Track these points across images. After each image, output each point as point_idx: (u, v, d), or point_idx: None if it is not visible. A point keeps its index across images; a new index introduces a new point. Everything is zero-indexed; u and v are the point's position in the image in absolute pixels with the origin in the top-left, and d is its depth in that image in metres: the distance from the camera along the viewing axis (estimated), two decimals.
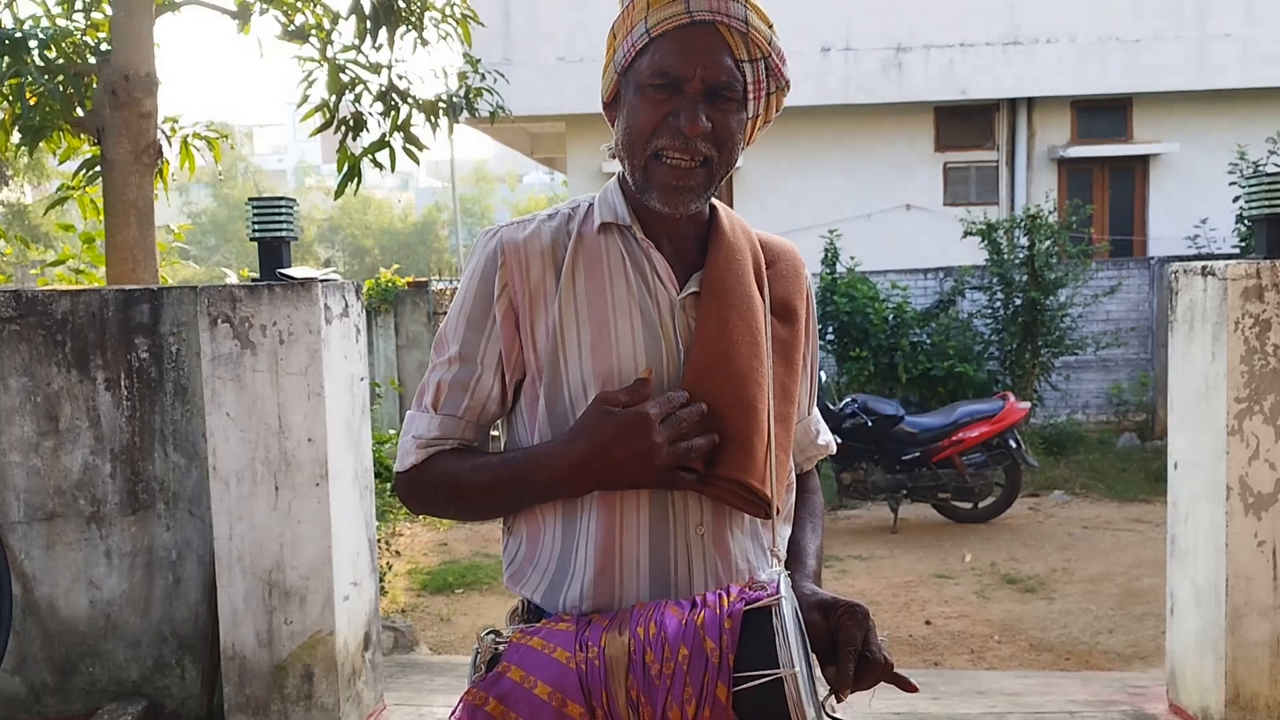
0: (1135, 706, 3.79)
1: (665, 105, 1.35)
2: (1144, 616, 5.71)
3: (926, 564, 6.96)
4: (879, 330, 10.01)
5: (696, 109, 1.34)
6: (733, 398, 1.37)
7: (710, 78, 1.34)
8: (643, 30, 1.36)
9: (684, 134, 1.34)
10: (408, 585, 6.81)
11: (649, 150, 1.37)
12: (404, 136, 5.68)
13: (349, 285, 3.70)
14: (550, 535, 1.42)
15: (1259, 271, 3.33)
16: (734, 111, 1.38)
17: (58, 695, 3.72)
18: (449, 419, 1.44)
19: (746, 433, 1.37)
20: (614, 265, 1.42)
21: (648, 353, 1.39)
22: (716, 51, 1.35)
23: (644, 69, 1.36)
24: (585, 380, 1.38)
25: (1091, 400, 11.37)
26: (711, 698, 1.19)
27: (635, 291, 1.41)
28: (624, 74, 1.40)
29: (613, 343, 1.38)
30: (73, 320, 3.66)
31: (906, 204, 13.56)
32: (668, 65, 1.34)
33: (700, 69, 1.34)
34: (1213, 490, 3.43)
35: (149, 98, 4.85)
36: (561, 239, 1.44)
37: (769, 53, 1.38)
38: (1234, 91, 12.95)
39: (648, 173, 1.38)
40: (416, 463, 1.45)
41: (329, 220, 39.33)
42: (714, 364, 1.38)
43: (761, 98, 1.41)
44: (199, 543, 3.67)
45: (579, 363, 1.39)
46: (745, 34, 1.35)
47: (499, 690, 1.26)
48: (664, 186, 1.37)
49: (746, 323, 1.41)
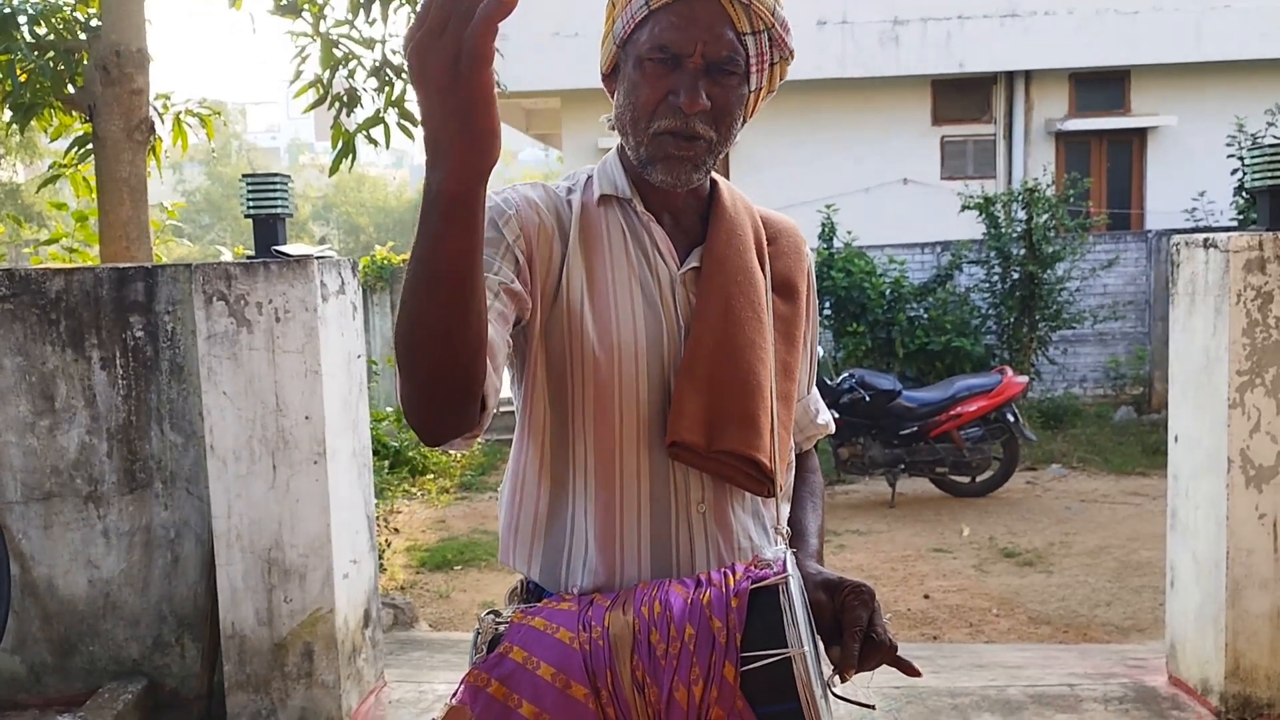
0: (1135, 679, 3.80)
1: (665, 81, 1.32)
2: (1142, 589, 5.73)
3: (925, 538, 6.97)
4: (876, 305, 10.00)
5: (697, 86, 1.31)
6: (736, 373, 1.35)
7: (711, 53, 1.31)
8: (642, 2, 1.32)
9: (683, 112, 1.31)
10: (406, 562, 6.81)
11: (651, 130, 1.34)
12: (398, 112, 5.64)
13: (345, 262, 3.67)
14: (550, 514, 1.41)
15: (1261, 243, 3.32)
16: (735, 87, 1.34)
17: (58, 675, 3.71)
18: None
19: (751, 408, 1.35)
20: (614, 239, 1.40)
21: (648, 328, 1.36)
22: (718, 25, 1.31)
23: (643, 42, 1.32)
24: (586, 352, 1.36)
25: (1089, 374, 11.38)
26: (719, 677, 1.18)
27: (636, 266, 1.39)
28: (623, 46, 1.36)
29: (613, 318, 1.36)
30: (67, 299, 3.63)
31: (904, 178, 13.53)
32: (667, 40, 1.30)
33: (701, 44, 1.30)
34: (1214, 463, 3.42)
35: (141, 74, 4.81)
36: (564, 209, 1.41)
37: (772, 24, 1.34)
38: (1232, 63, 12.90)
39: (650, 149, 1.35)
40: None
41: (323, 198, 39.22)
42: (717, 340, 1.36)
43: (765, 70, 1.37)
44: (197, 521, 3.66)
45: (580, 333, 1.36)
46: (748, 6, 1.31)
47: (501, 671, 1.24)
48: (668, 158, 1.34)
49: (749, 298, 1.39)
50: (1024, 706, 3.57)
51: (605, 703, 1.20)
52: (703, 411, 1.33)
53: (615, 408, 1.35)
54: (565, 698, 1.20)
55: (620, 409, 1.35)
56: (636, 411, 1.35)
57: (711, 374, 1.34)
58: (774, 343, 1.43)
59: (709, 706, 1.18)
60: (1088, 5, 12.94)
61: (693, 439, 1.33)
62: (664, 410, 1.36)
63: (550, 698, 1.21)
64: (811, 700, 1.16)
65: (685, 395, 1.34)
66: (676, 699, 1.18)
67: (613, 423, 1.35)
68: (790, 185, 12.60)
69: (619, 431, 1.35)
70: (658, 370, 1.36)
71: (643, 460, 1.36)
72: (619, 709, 1.20)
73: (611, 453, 1.36)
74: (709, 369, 1.34)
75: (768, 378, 1.38)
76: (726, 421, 1.33)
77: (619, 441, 1.35)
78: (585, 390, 1.36)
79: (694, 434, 1.33)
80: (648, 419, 1.36)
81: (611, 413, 1.35)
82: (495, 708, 1.22)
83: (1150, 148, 13.61)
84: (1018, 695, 3.67)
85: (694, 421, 1.33)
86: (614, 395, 1.35)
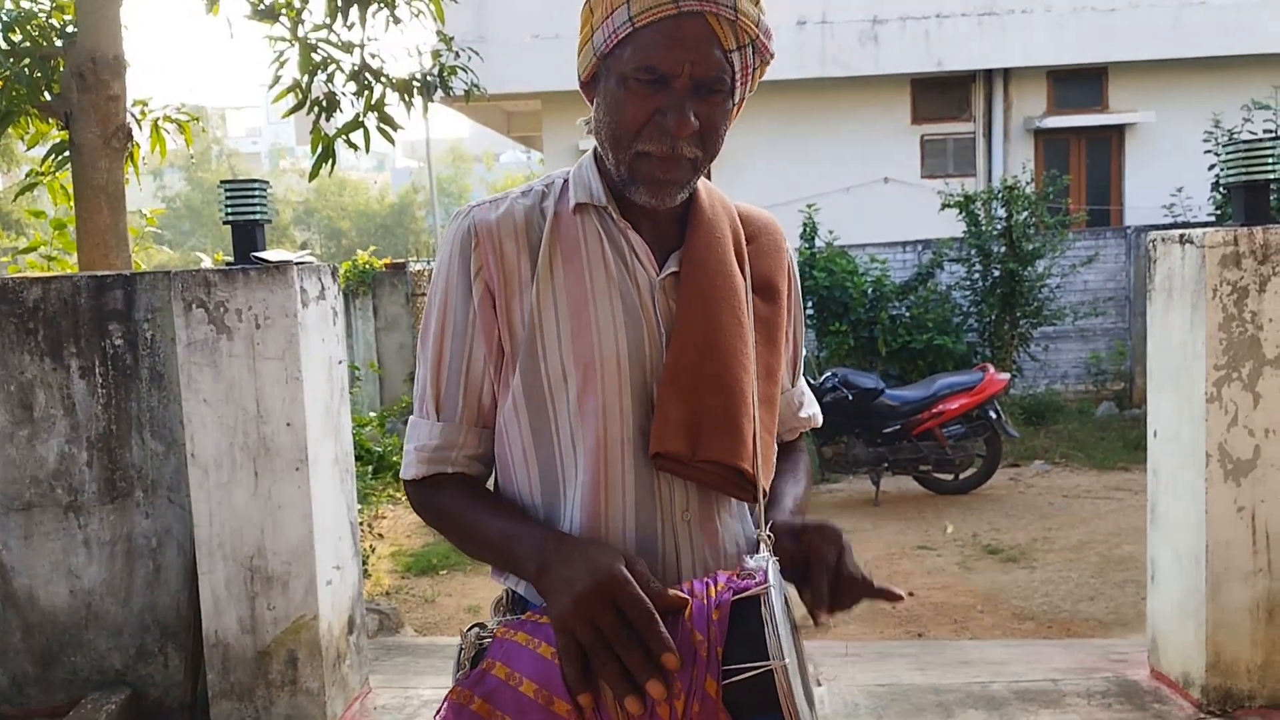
0: (1118, 673, 3.83)
1: (651, 101, 1.29)
2: (1124, 584, 5.76)
3: (909, 536, 7.00)
4: (858, 304, 10.03)
5: (684, 108, 1.28)
6: (718, 381, 1.34)
7: (699, 74, 1.28)
8: (625, 18, 1.28)
9: (671, 135, 1.29)
10: (391, 568, 6.80)
11: (634, 150, 1.31)
12: (378, 116, 5.63)
13: (325, 268, 3.66)
14: None
15: (1236, 239, 3.34)
16: (721, 104, 1.32)
17: (39, 686, 3.69)
18: (449, 426, 1.41)
19: (733, 416, 1.34)
20: (591, 247, 1.38)
21: (628, 337, 1.35)
22: (705, 45, 1.27)
23: (627, 61, 1.28)
24: (565, 368, 1.34)
25: (1070, 370, 11.44)
26: (701, 692, 1.17)
27: (614, 274, 1.37)
28: (604, 59, 1.33)
29: (593, 329, 1.34)
30: (45, 307, 3.61)
31: (884, 177, 13.57)
32: (654, 61, 1.27)
33: (689, 64, 1.26)
34: (1192, 458, 3.45)
35: (117, 80, 4.78)
36: (536, 219, 1.39)
37: (756, 35, 1.31)
38: (1209, 60, 12.99)
39: (633, 169, 1.33)
40: (420, 476, 1.43)
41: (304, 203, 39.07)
42: (698, 347, 1.34)
43: (749, 81, 1.36)
44: (179, 530, 3.64)
45: (558, 350, 1.34)
46: (734, 22, 1.28)
47: (484, 688, 1.23)
48: (652, 180, 1.33)
49: (729, 303, 1.38)
50: (1008, 702, 3.59)
51: (589, 719, 1.19)
52: (686, 420, 1.32)
53: (599, 420, 1.34)
54: (548, 714, 1.19)
55: (604, 421, 1.34)
56: (620, 422, 1.34)
57: (694, 383, 1.33)
58: (755, 345, 1.41)
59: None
60: (1065, 3, 13.01)
61: (677, 449, 1.32)
62: (647, 420, 1.34)
63: (533, 714, 1.20)
64: (794, 711, 1.15)
65: (668, 405, 1.33)
66: (659, 714, 1.17)
67: (597, 435, 1.34)
68: (771, 185, 12.62)
69: (604, 443, 1.34)
70: (640, 380, 1.35)
71: (628, 470, 1.35)
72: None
73: (596, 464, 1.34)
74: (691, 378, 1.33)
75: (750, 383, 1.37)
76: (710, 430, 1.32)
77: (604, 453, 1.34)
78: (567, 404, 1.35)
79: (678, 444, 1.32)
80: (632, 429, 1.35)
81: (595, 425, 1.34)
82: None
83: (1128, 144, 13.69)
84: (1002, 691, 3.69)
85: (677, 431, 1.32)
86: (598, 408, 1.34)
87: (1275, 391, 3.36)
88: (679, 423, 1.32)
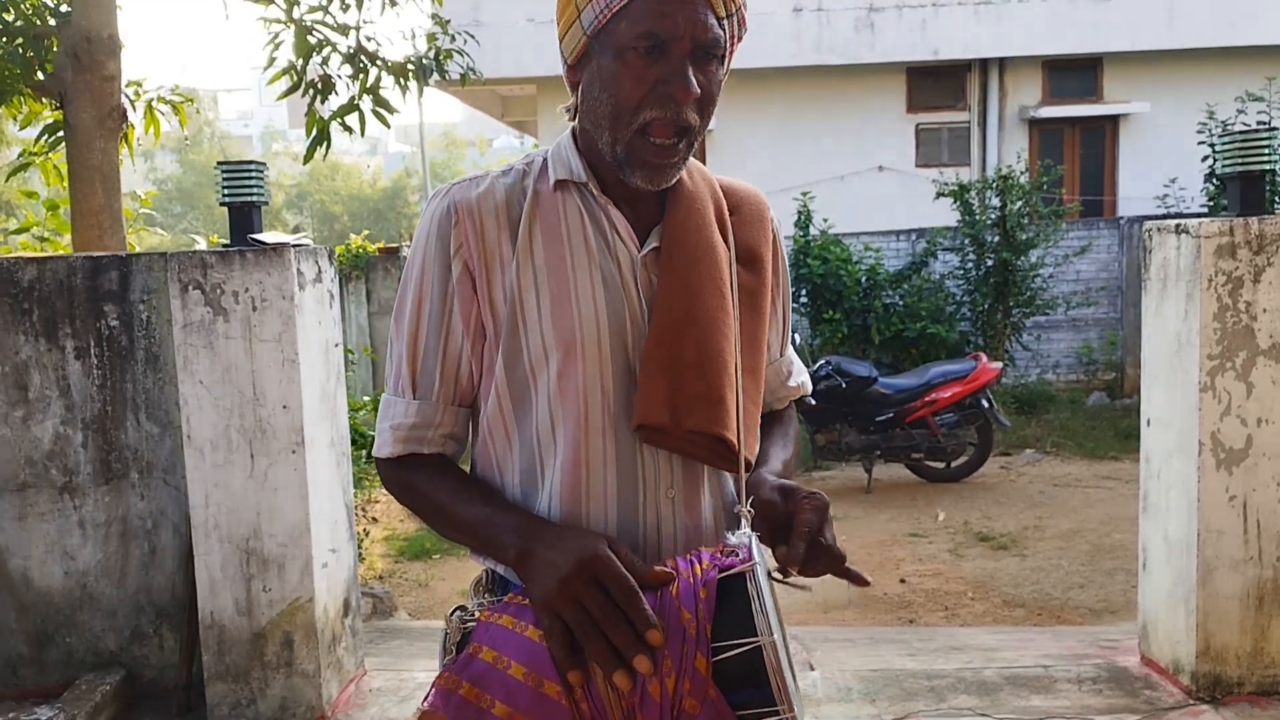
0: (1108, 660, 3.85)
1: (651, 72, 1.28)
2: (1114, 572, 5.80)
3: (900, 523, 7.02)
4: (852, 292, 10.05)
5: (688, 73, 1.28)
6: (700, 351, 1.34)
7: (699, 36, 1.28)
8: None
9: (676, 101, 1.28)
10: (385, 551, 6.81)
11: (636, 124, 1.30)
12: (373, 99, 5.61)
13: (322, 250, 3.65)
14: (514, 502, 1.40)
15: (1232, 229, 3.35)
16: (716, 72, 1.33)
17: (34, 667, 3.69)
18: (425, 404, 1.41)
19: (716, 386, 1.34)
20: (572, 224, 1.38)
21: (610, 314, 1.35)
22: (701, 9, 1.28)
23: (624, 31, 1.27)
24: (546, 345, 1.34)
25: (1062, 359, 11.47)
26: (690, 669, 1.17)
27: (595, 251, 1.37)
28: (595, 36, 1.31)
29: (574, 306, 1.34)
30: (40, 288, 3.60)
31: (879, 165, 13.57)
32: (655, 26, 1.26)
33: (689, 27, 1.27)
34: (1185, 446, 3.47)
35: (112, 60, 4.76)
36: (516, 196, 1.39)
37: (741, 5, 1.33)
38: (1203, 50, 13.01)
39: (631, 149, 1.32)
40: (395, 455, 1.43)
41: (297, 187, 38.91)
42: (679, 320, 1.35)
43: (733, 51, 1.37)
44: (174, 512, 3.64)
45: (539, 327, 1.35)
46: None
47: (472, 673, 1.22)
48: (647, 165, 1.32)
49: (710, 275, 1.38)
50: (999, 688, 3.62)
51: (579, 699, 1.19)
52: (668, 392, 1.32)
53: (579, 397, 1.34)
54: (539, 696, 1.19)
55: (585, 398, 1.34)
56: (601, 399, 1.35)
57: (675, 354, 1.33)
58: (740, 315, 1.41)
59: (682, 698, 1.18)
60: None
61: (660, 420, 1.32)
62: (629, 395, 1.35)
63: (523, 697, 1.20)
64: (782, 685, 1.16)
65: (650, 377, 1.33)
66: (649, 692, 1.17)
67: (578, 412, 1.34)
68: (766, 173, 12.62)
69: (584, 420, 1.34)
70: (621, 356, 1.35)
71: (609, 447, 1.35)
72: (593, 705, 1.19)
73: (577, 441, 1.35)
74: (673, 349, 1.33)
75: (732, 354, 1.37)
76: (692, 400, 1.32)
77: (585, 430, 1.34)
78: (548, 382, 1.35)
79: (661, 415, 1.32)
80: (613, 405, 1.35)
81: (576, 402, 1.34)
82: (468, 710, 1.21)
83: (1122, 135, 13.71)
84: (993, 677, 3.71)
85: (660, 403, 1.32)
86: (579, 385, 1.34)
87: (1268, 381, 3.37)
88: (662, 394, 1.32)
